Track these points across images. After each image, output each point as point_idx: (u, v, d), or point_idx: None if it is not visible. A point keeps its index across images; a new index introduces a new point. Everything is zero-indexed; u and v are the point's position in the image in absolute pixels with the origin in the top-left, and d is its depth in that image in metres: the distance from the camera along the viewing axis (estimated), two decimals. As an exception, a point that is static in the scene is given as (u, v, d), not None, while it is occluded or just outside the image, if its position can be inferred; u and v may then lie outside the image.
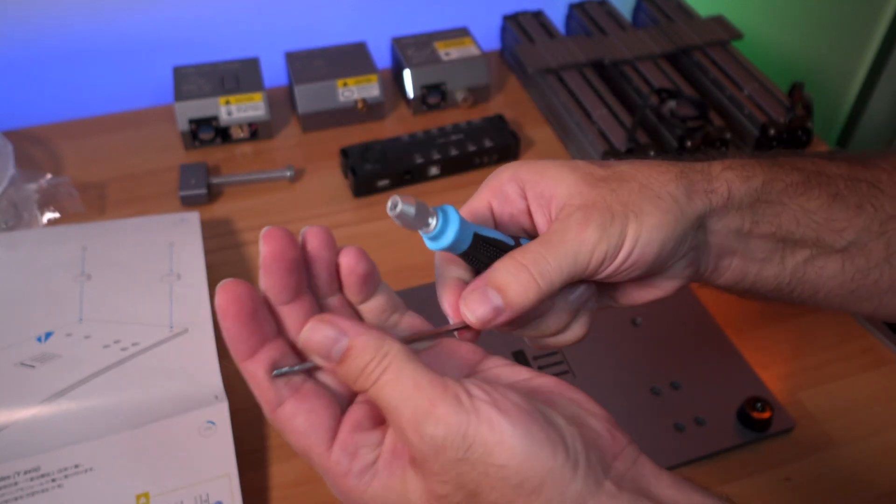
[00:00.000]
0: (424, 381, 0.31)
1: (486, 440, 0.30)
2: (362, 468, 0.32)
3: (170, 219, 0.75)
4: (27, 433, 0.58)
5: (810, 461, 0.61)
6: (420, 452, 0.30)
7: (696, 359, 0.67)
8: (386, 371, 0.31)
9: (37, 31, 0.89)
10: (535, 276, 0.36)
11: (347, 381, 0.32)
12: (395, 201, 0.35)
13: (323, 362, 0.32)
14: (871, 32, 0.89)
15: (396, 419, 0.31)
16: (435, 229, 0.36)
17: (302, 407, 0.33)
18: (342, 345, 0.31)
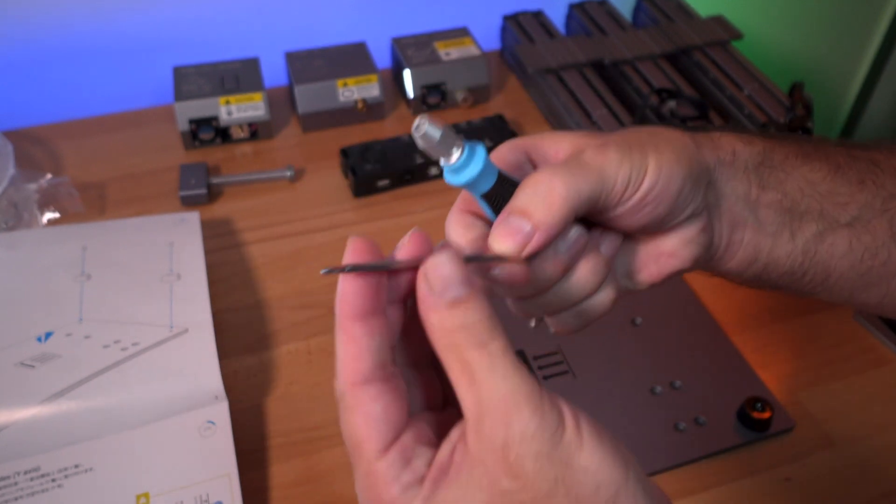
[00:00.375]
0: (523, 369, 0.29)
1: (570, 441, 0.28)
2: (411, 480, 0.29)
3: (170, 219, 0.75)
4: (27, 433, 0.58)
5: (810, 461, 0.61)
6: (501, 438, 0.28)
7: (696, 359, 0.67)
8: (494, 340, 0.29)
9: (37, 31, 0.89)
10: (557, 187, 0.34)
11: (442, 328, 0.29)
12: (421, 121, 0.33)
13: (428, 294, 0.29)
14: (871, 32, 0.88)
15: (488, 394, 0.28)
16: (458, 160, 0.34)
17: (387, 395, 0.30)
18: (463, 290, 0.29)
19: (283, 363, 0.67)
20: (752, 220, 0.41)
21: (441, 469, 0.29)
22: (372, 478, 0.30)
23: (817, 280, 0.43)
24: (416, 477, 0.29)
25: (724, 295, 0.72)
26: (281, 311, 0.71)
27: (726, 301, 0.72)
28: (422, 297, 0.30)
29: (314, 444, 0.61)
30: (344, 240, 0.85)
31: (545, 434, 0.28)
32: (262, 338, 0.69)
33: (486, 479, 0.28)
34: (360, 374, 0.30)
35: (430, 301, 0.29)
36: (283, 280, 0.74)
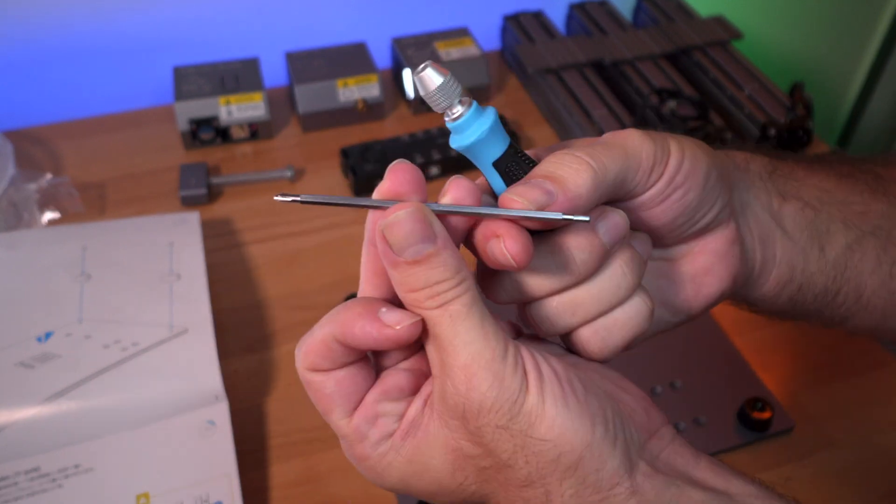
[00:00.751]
0: (490, 330, 0.28)
1: (530, 411, 0.28)
2: (379, 437, 0.31)
3: (170, 219, 0.75)
4: (27, 433, 0.58)
5: (810, 461, 0.61)
6: (461, 406, 0.28)
7: (696, 359, 0.67)
8: (458, 299, 0.28)
9: (37, 31, 0.89)
10: (586, 160, 0.31)
11: (404, 285, 0.29)
12: (424, 64, 0.30)
13: (388, 251, 0.29)
14: (871, 32, 0.88)
15: (449, 360, 0.28)
16: (458, 120, 0.31)
17: (338, 374, 0.31)
18: (426, 247, 0.28)
19: (283, 363, 0.67)
20: (781, 234, 0.40)
21: (413, 423, 0.31)
22: (345, 440, 0.32)
23: (851, 299, 0.42)
24: (385, 433, 0.31)
25: (724, 295, 0.72)
26: (281, 311, 0.71)
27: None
28: (382, 254, 0.29)
29: (314, 444, 0.61)
30: (344, 240, 0.86)
31: (504, 406, 0.28)
32: (262, 338, 0.69)
33: (451, 442, 0.29)
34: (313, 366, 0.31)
35: (390, 257, 0.29)
36: (283, 280, 0.74)
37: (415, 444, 0.30)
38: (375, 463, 0.31)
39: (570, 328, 0.33)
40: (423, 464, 0.30)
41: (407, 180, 0.30)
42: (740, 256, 0.38)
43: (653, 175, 0.33)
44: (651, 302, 0.34)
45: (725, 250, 0.37)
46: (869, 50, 0.90)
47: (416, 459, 0.30)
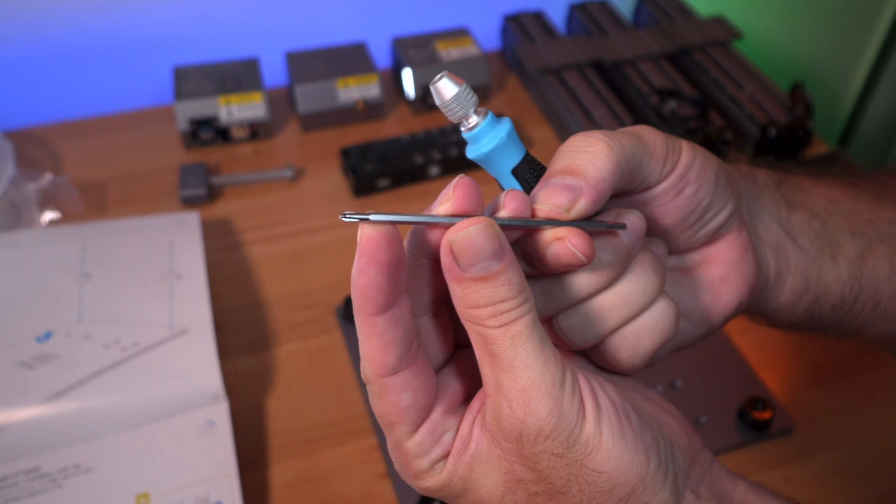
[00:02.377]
0: (549, 354, 0.28)
1: (586, 441, 0.28)
2: (439, 455, 0.30)
3: (170, 219, 0.75)
4: (27, 433, 0.58)
5: (810, 461, 0.61)
6: (517, 430, 0.28)
7: (696, 359, 0.67)
8: (520, 320, 0.27)
9: (37, 31, 0.89)
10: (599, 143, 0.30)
11: (465, 302, 0.28)
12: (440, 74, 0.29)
13: (458, 269, 0.27)
14: (871, 32, 0.88)
15: (507, 381, 0.28)
16: (474, 130, 0.30)
17: (414, 382, 0.29)
18: (494, 264, 0.27)
19: (283, 363, 0.67)
20: (792, 244, 0.39)
21: (463, 442, 0.30)
22: (402, 454, 0.30)
23: (868, 308, 0.41)
24: (444, 452, 0.30)
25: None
26: (281, 311, 0.71)
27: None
28: (447, 268, 0.28)
29: (314, 444, 0.61)
30: (344, 240, 0.86)
31: (561, 435, 0.27)
32: (262, 338, 0.69)
33: (504, 464, 0.29)
34: (386, 367, 0.29)
35: (455, 272, 0.28)
36: (283, 280, 0.74)
37: (467, 463, 0.30)
38: (428, 480, 0.31)
39: (600, 337, 0.32)
40: (475, 482, 0.30)
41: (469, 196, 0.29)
42: (754, 265, 0.37)
43: (667, 164, 0.33)
44: (675, 306, 0.33)
45: (740, 258, 0.37)
46: (869, 50, 0.90)
47: (468, 478, 0.30)
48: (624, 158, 0.31)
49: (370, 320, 0.28)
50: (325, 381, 0.66)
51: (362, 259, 0.27)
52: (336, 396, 0.65)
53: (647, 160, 0.32)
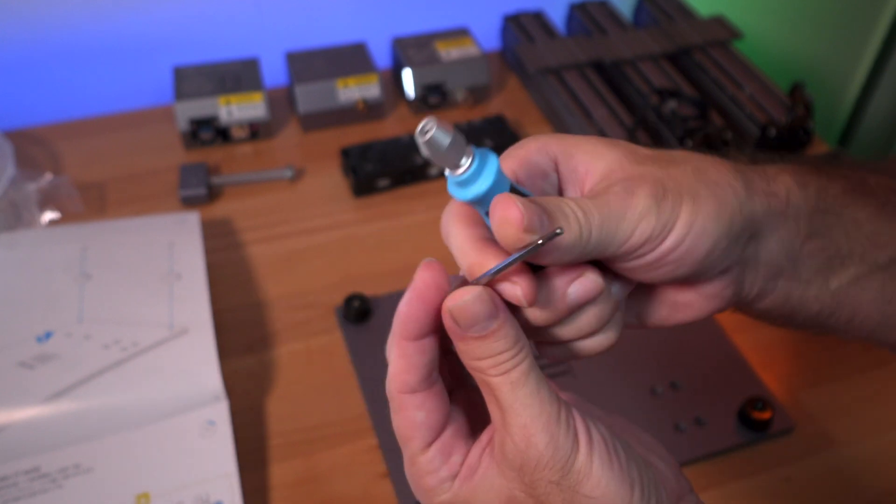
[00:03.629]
0: (545, 395, 0.31)
1: (579, 470, 0.31)
2: (447, 475, 0.33)
3: (170, 219, 0.75)
4: (27, 433, 0.58)
5: (810, 461, 0.61)
6: (518, 459, 0.31)
7: (696, 359, 0.67)
8: (517, 368, 0.31)
9: (37, 31, 0.89)
10: (579, 218, 0.31)
11: (468, 355, 0.31)
12: (428, 123, 0.28)
13: (459, 330, 0.31)
14: (871, 32, 0.88)
15: (510, 419, 0.31)
16: (467, 172, 0.29)
17: (430, 403, 0.33)
18: (490, 324, 0.31)
19: (283, 363, 0.67)
20: (790, 271, 0.38)
21: (470, 468, 0.33)
22: (415, 468, 0.34)
23: (842, 321, 0.41)
24: (452, 473, 0.33)
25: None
26: (281, 311, 0.71)
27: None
28: (449, 329, 0.31)
29: (314, 444, 0.61)
30: (344, 240, 0.86)
31: (557, 464, 0.31)
32: (262, 338, 0.69)
33: (506, 490, 0.32)
34: (407, 385, 0.33)
35: (457, 332, 0.31)
36: (283, 280, 0.74)
37: (472, 487, 0.33)
38: (434, 497, 0.34)
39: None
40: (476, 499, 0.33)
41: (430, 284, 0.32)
42: (730, 298, 0.37)
43: (639, 251, 0.32)
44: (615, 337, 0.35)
45: (716, 293, 0.36)
46: (869, 50, 0.90)
47: (470, 498, 0.33)
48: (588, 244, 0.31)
49: (402, 343, 0.32)
50: (325, 381, 0.66)
51: (412, 294, 0.31)
52: (336, 396, 0.65)
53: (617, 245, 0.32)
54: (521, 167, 0.34)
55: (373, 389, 0.64)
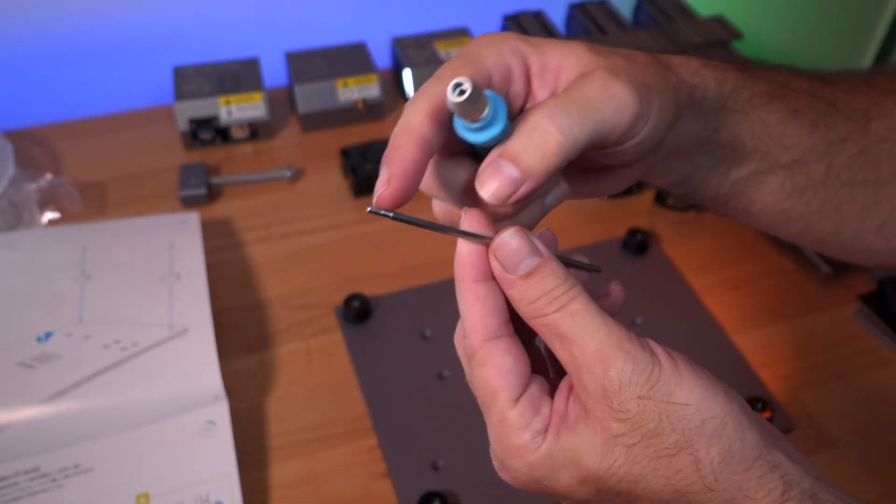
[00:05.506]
0: (610, 320, 0.31)
1: (668, 380, 0.30)
2: (540, 426, 0.32)
3: (170, 219, 0.75)
4: (27, 433, 0.58)
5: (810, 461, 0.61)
6: (601, 388, 0.30)
7: (696, 359, 0.66)
8: (574, 300, 0.31)
9: (37, 30, 0.89)
10: (553, 137, 0.31)
11: (523, 299, 0.31)
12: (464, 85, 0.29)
13: (503, 272, 0.31)
14: (871, 32, 0.88)
15: (580, 351, 0.30)
16: (484, 120, 0.31)
17: (514, 349, 0.32)
18: (533, 260, 0.31)
19: (283, 363, 0.67)
20: (693, 154, 0.40)
21: (561, 417, 0.32)
22: (505, 425, 0.32)
23: (739, 209, 0.43)
24: (544, 424, 0.32)
25: (724, 295, 0.72)
26: (281, 311, 0.71)
27: (726, 301, 0.72)
28: (499, 277, 0.32)
29: (314, 444, 0.61)
30: (344, 240, 0.85)
31: (642, 377, 0.30)
32: (262, 338, 0.69)
33: (599, 426, 0.30)
34: (490, 331, 0.32)
35: (507, 279, 0.31)
36: (283, 280, 0.74)
37: (567, 434, 0.31)
38: (530, 454, 0.32)
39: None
40: (576, 451, 0.31)
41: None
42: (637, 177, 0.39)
43: (629, 132, 0.33)
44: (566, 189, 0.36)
45: (629, 175, 0.39)
46: (869, 50, 0.90)
47: (569, 448, 0.31)
48: (575, 150, 0.31)
49: (475, 287, 0.32)
50: (325, 381, 0.66)
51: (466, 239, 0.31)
52: (336, 396, 0.65)
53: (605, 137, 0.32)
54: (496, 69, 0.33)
55: (373, 389, 0.64)
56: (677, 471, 0.30)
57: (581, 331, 0.30)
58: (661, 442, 0.30)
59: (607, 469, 0.31)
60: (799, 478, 0.30)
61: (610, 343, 0.30)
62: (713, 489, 0.29)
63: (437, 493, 0.56)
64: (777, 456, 0.30)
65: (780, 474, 0.30)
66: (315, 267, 0.75)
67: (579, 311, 0.31)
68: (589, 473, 0.31)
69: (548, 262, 0.31)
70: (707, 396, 0.30)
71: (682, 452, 0.30)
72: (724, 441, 0.30)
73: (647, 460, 0.30)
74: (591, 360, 0.30)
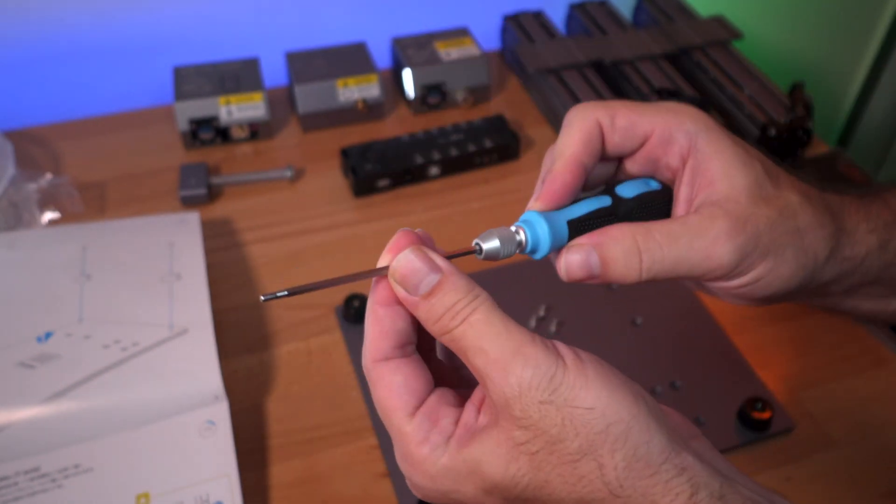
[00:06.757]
0: (513, 326, 0.31)
1: (572, 383, 0.29)
2: (440, 439, 0.32)
3: (170, 219, 0.76)
4: (27, 433, 0.58)
5: (810, 461, 0.61)
6: (503, 395, 0.30)
7: (696, 359, 0.67)
8: (476, 311, 0.31)
9: (37, 30, 0.89)
10: (643, 265, 0.34)
11: (429, 318, 0.31)
12: (475, 247, 0.34)
13: (406, 295, 0.31)
14: (871, 32, 0.89)
15: (482, 360, 0.30)
16: (527, 248, 0.34)
17: (406, 368, 0.32)
18: (432, 278, 0.31)
19: (283, 363, 0.67)
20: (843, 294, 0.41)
21: (467, 429, 0.31)
22: (404, 440, 0.32)
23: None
24: (444, 436, 0.32)
25: (724, 295, 0.72)
26: (281, 311, 0.71)
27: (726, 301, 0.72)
28: (403, 300, 0.32)
29: (314, 444, 0.61)
30: (344, 240, 0.86)
31: (543, 381, 0.29)
32: (262, 338, 0.69)
33: (503, 435, 0.30)
34: (381, 352, 0.32)
35: (411, 301, 0.31)
36: (283, 280, 0.74)
37: (471, 444, 0.31)
38: (430, 466, 0.32)
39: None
40: (476, 462, 0.31)
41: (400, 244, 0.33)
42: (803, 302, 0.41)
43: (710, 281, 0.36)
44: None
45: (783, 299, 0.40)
46: (869, 50, 0.90)
47: (470, 459, 0.31)
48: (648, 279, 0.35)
49: (374, 308, 0.33)
50: (325, 381, 0.66)
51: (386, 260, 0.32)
52: (336, 396, 0.65)
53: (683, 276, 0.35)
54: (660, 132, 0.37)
55: (373, 389, 0.64)
56: (581, 477, 0.29)
57: (481, 339, 0.30)
58: (564, 448, 0.29)
59: (511, 478, 0.30)
60: (707, 479, 0.29)
61: (509, 349, 0.30)
62: (618, 495, 0.29)
63: (437, 493, 0.56)
64: (685, 458, 0.30)
65: (688, 477, 0.29)
66: (315, 267, 0.75)
67: (479, 321, 0.30)
68: (493, 484, 0.31)
69: (448, 278, 0.31)
70: (613, 400, 0.29)
71: (585, 458, 0.29)
72: (629, 446, 0.29)
73: (551, 467, 0.30)
74: (492, 368, 0.30)
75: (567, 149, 0.36)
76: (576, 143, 0.36)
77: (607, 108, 0.37)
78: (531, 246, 0.34)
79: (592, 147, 0.36)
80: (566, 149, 0.36)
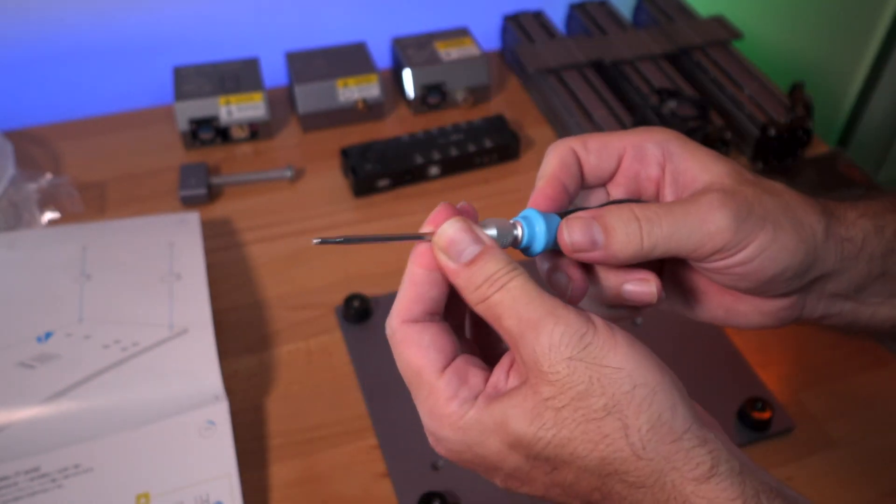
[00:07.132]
0: (546, 294, 0.32)
1: (602, 344, 0.30)
2: (469, 395, 0.32)
3: (170, 219, 0.76)
4: (27, 433, 0.58)
5: (810, 461, 0.61)
6: (533, 353, 0.30)
7: (696, 359, 0.67)
8: (513, 280, 0.32)
9: (37, 31, 0.89)
10: (643, 232, 0.34)
11: (468, 286, 0.32)
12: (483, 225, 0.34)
13: (447, 262, 0.32)
14: (871, 32, 0.89)
15: (515, 323, 0.31)
16: (524, 240, 0.35)
17: (433, 330, 0.33)
18: (475, 248, 0.32)
19: (283, 363, 0.67)
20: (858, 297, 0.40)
21: (496, 388, 0.32)
22: (433, 397, 0.33)
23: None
24: (473, 393, 0.32)
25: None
26: (281, 311, 0.71)
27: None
28: (444, 267, 0.33)
29: (314, 444, 0.61)
30: (344, 240, 0.84)
31: (573, 339, 0.30)
32: (262, 338, 0.69)
33: (531, 391, 0.31)
34: (411, 314, 0.33)
35: (453, 268, 0.32)
36: (283, 280, 0.74)
37: (498, 403, 0.32)
38: (458, 419, 0.32)
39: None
40: (503, 415, 0.31)
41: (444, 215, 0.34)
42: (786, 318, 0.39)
43: (712, 257, 0.35)
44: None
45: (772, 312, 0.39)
46: (869, 50, 0.90)
47: (497, 413, 0.31)
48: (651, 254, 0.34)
49: (413, 270, 0.33)
50: (325, 381, 0.66)
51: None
52: (336, 396, 0.65)
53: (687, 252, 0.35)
54: (632, 150, 0.38)
55: (373, 389, 0.64)
56: (605, 435, 0.30)
57: (517, 303, 0.31)
58: (589, 405, 0.30)
59: (535, 433, 0.31)
60: (728, 456, 0.30)
61: (543, 311, 0.31)
62: (641, 457, 0.30)
63: (437, 493, 0.56)
64: (706, 433, 0.31)
65: (709, 450, 0.30)
66: (315, 267, 0.75)
67: (516, 287, 0.31)
68: (517, 437, 0.31)
69: (489, 251, 0.32)
70: (641, 365, 0.31)
71: (610, 416, 0.30)
72: (654, 409, 0.30)
73: (576, 423, 0.30)
74: (525, 328, 0.31)
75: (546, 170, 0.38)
76: (554, 165, 0.37)
77: (579, 137, 0.39)
78: (527, 241, 0.35)
79: (570, 169, 0.38)
80: (546, 170, 0.38)
